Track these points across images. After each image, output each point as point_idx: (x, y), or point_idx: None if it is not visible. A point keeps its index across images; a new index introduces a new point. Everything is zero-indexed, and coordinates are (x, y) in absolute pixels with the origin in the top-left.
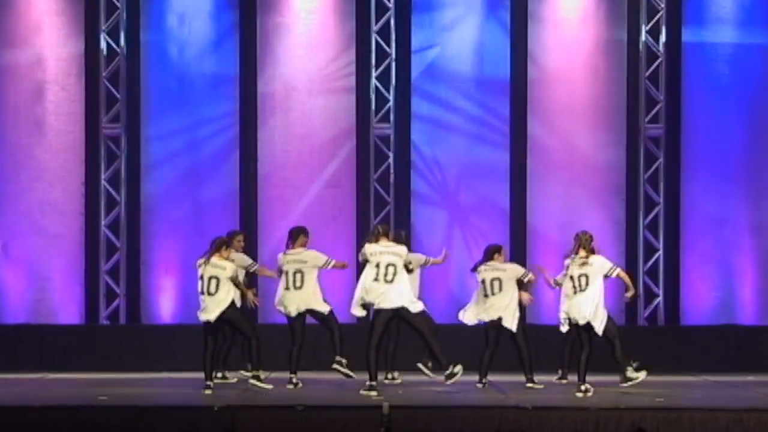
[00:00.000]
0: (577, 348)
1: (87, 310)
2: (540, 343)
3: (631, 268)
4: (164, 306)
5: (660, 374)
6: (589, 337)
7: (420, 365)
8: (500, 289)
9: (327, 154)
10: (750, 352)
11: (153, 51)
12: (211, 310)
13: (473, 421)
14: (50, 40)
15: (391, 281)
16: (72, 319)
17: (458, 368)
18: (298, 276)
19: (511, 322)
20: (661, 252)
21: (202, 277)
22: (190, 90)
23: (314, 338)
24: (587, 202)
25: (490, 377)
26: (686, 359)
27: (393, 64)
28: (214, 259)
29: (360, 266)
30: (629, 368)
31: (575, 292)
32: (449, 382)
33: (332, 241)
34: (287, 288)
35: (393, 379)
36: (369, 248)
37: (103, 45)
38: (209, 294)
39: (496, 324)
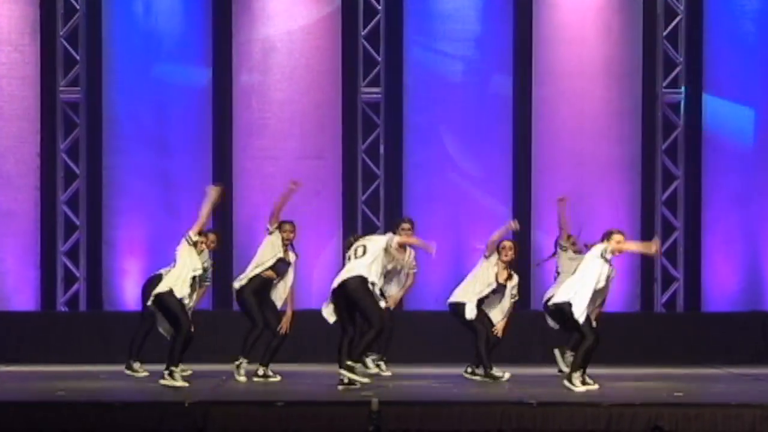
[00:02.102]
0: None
1: (43, 295)
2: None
3: None
4: (129, 291)
5: (679, 366)
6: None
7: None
8: None
9: (309, 121)
10: None
11: (115, 7)
12: None
13: (472, 418)
14: None
15: None
16: (26, 306)
17: None
18: None
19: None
20: (680, 231)
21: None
22: (157, 50)
23: (296, 328)
24: (598, 176)
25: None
26: (708, 349)
27: (383, 22)
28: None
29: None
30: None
31: None
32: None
33: (315, 219)
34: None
35: (379, 369)
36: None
37: (60, 1)
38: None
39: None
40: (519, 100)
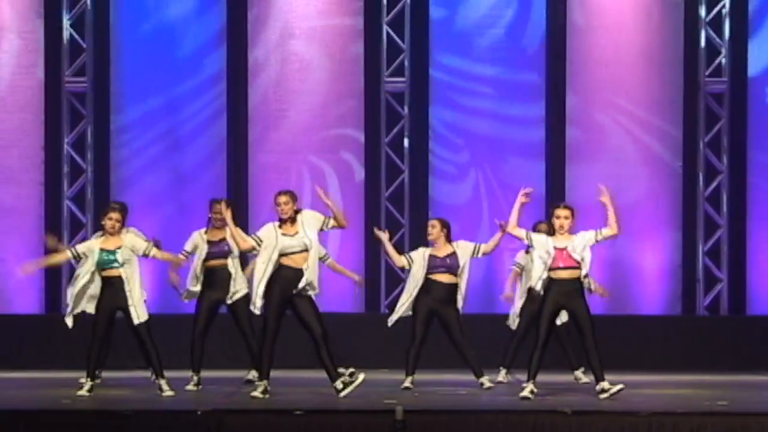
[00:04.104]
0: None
1: (47, 297)
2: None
3: (688, 247)
4: None
5: (723, 373)
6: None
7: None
8: None
9: (330, 113)
10: None
11: None
12: None
13: (503, 427)
14: None
15: None
16: (30, 308)
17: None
18: None
19: None
20: (724, 229)
21: None
22: (168, 38)
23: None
24: (636, 170)
25: (520, 376)
26: (754, 355)
27: (408, 7)
28: None
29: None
30: None
31: None
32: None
33: None
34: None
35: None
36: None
37: None
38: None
39: None
40: (552, 89)
